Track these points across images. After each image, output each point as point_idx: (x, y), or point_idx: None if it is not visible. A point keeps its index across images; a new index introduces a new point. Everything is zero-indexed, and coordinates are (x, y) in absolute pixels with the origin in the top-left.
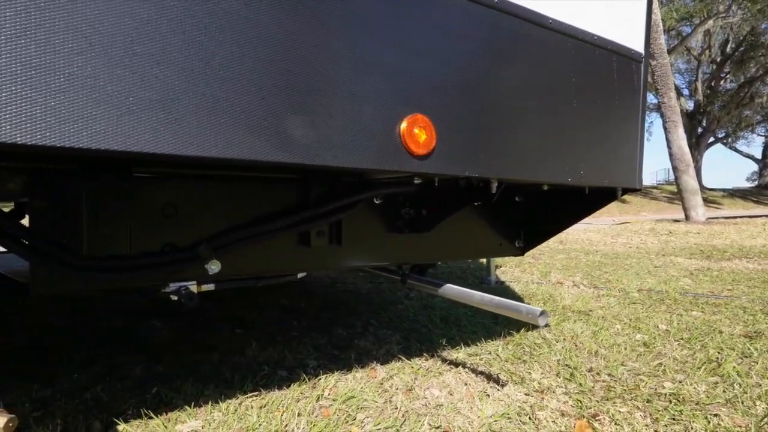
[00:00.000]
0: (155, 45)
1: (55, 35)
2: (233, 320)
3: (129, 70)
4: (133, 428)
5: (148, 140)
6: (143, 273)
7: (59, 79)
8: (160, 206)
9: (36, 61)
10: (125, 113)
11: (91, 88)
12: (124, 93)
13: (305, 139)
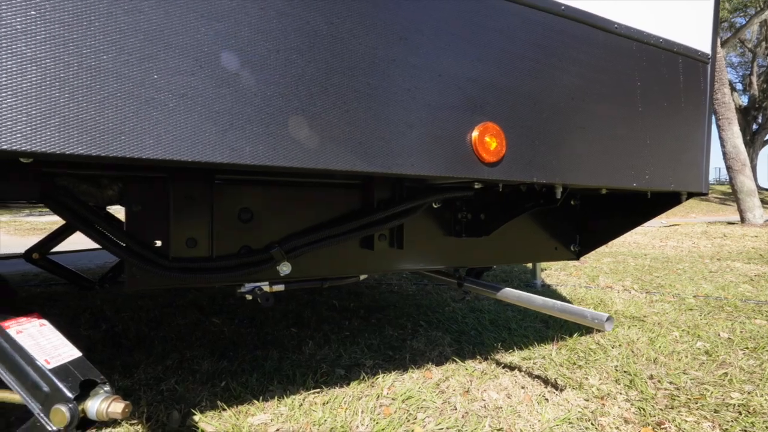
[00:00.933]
0: (255, 65)
1: (181, 62)
2: (287, 319)
3: (233, 88)
4: (207, 419)
5: (248, 153)
6: (223, 274)
7: (175, 99)
8: (237, 211)
9: (161, 83)
10: (229, 128)
11: (202, 106)
12: (229, 110)
13: (385, 149)
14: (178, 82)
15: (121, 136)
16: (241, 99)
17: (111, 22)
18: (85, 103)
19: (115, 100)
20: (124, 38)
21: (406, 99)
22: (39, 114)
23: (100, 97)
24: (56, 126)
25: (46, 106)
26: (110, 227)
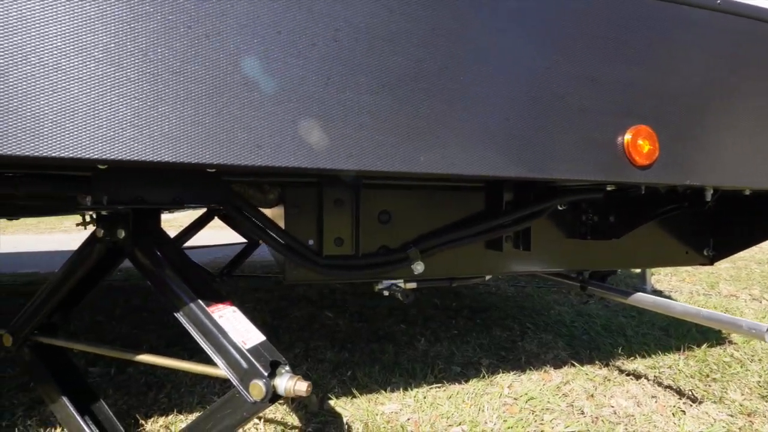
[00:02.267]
0: (419, 77)
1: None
2: (394, 316)
3: (402, 102)
4: (341, 404)
5: (423, 162)
6: (365, 271)
7: (364, 116)
8: (377, 213)
9: (353, 103)
10: (403, 140)
11: (386, 121)
12: (407, 123)
13: (540, 155)
14: (368, 101)
15: (325, 151)
16: (415, 113)
17: (314, 61)
18: (291, 120)
19: (324, 120)
20: (330, 65)
21: (560, 105)
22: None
23: (311, 116)
24: (244, 141)
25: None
26: (274, 227)
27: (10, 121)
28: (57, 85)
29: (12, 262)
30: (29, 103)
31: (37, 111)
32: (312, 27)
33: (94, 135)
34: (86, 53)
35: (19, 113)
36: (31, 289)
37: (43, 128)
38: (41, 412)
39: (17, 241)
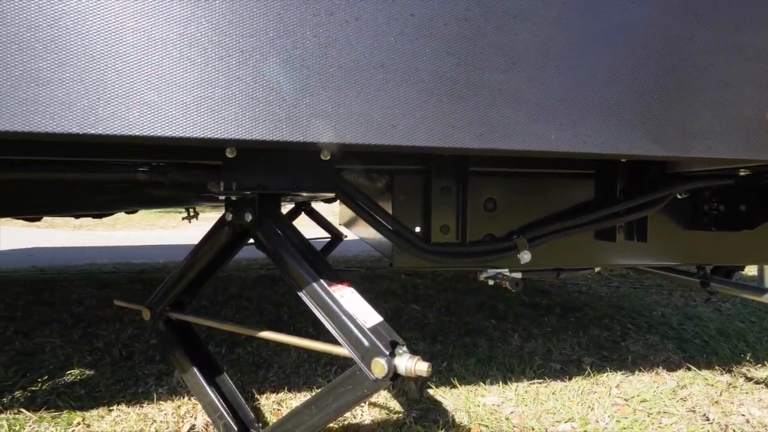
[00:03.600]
0: (549, 54)
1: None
2: (482, 311)
3: (532, 80)
4: (441, 393)
5: (554, 140)
6: (471, 258)
7: (471, 91)
8: (483, 201)
9: (463, 80)
10: (534, 119)
11: (515, 100)
12: (537, 101)
13: (680, 133)
14: (498, 79)
15: (456, 130)
16: (546, 91)
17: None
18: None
19: (456, 99)
20: (461, 45)
21: (700, 78)
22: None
23: (443, 96)
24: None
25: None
26: (384, 214)
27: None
28: (209, 76)
29: (124, 255)
30: (186, 93)
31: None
32: (444, 8)
33: (254, 117)
34: (238, 43)
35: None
36: (144, 276)
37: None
38: (168, 382)
39: (123, 236)
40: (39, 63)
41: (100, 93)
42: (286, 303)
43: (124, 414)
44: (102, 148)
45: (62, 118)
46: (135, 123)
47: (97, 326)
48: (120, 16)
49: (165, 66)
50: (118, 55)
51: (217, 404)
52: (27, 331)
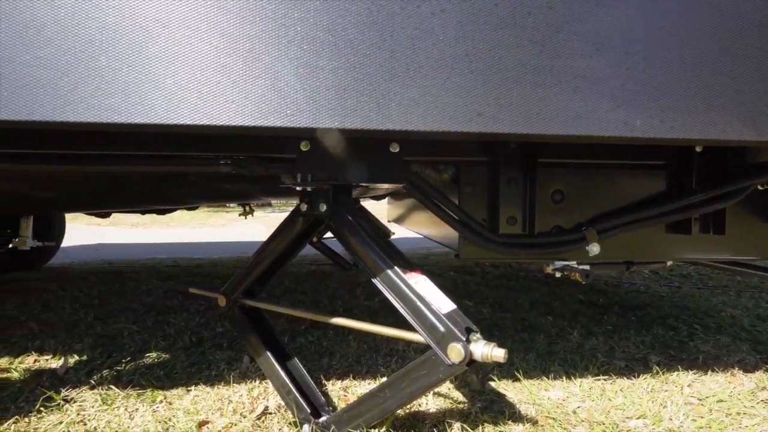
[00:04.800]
0: (633, 39)
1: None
2: (536, 308)
3: (616, 65)
4: (503, 386)
5: (639, 126)
6: (539, 250)
7: (555, 78)
8: (550, 192)
9: (547, 67)
10: (619, 104)
11: (601, 85)
12: (618, 87)
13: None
14: (582, 66)
15: (540, 117)
16: (631, 76)
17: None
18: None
19: (539, 87)
20: (545, 32)
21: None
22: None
23: (527, 83)
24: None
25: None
26: (452, 205)
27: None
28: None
29: (180, 250)
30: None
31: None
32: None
33: (347, 107)
34: (332, 38)
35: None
36: (202, 270)
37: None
38: (238, 367)
39: (177, 234)
40: (137, 59)
41: (218, 89)
42: (339, 297)
43: (204, 393)
44: (190, 141)
45: (172, 110)
46: (239, 114)
47: (166, 315)
48: (220, 14)
49: (266, 61)
50: (219, 53)
51: (291, 387)
52: (105, 317)
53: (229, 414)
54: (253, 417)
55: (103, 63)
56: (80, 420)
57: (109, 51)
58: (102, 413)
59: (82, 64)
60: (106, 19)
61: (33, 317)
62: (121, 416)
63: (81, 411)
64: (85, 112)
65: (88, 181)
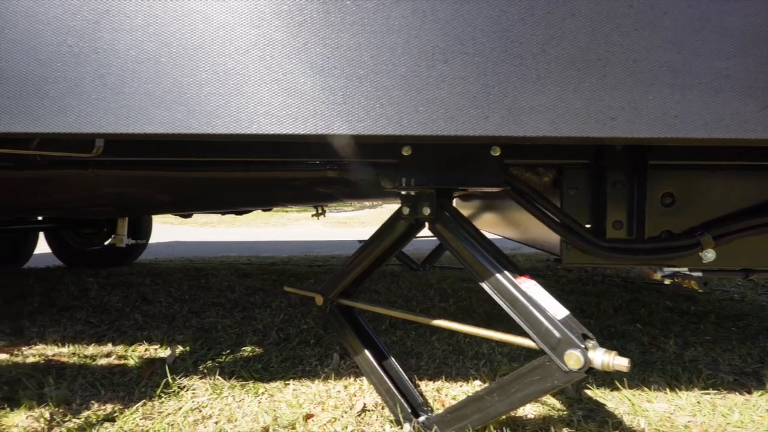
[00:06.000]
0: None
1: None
2: (620, 315)
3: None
4: (601, 393)
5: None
6: (647, 256)
7: (715, 81)
8: (659, 196)
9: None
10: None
11: (742, 84)
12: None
13: None
14: (721, 66)
15: (690, 120)
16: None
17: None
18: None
19: (682, 89)
20: (681, 33)
21: None
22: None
23: (663, 85)
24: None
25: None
26: (555, 209)
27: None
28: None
29: (249, 248)
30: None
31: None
32: None
33: (479, 114)
34: (462, 46)
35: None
36: (275, 268)
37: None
38: (329, 363)
39: (243, 232)
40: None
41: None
42: (413, 298)
43: (302, 387)
44: (299, 149)
45: (302, 121)
46: (351, 124)
47: (251, 311)
48: (333, 26)
49: (383, 68)
50: (335, 66)
51: (389, 385)
52: (198, 311)
53: (330, 409)
54: (354, 413)
55: (248, 83)
56: (196, 407)
57: (250, 72)
58: (213, 401)
59: (227, 84)
60: (235, 45)
61: (136, 309)
62: (231, 405)
63: (194, 398)
64: (232, 125)
65: (203, 185)
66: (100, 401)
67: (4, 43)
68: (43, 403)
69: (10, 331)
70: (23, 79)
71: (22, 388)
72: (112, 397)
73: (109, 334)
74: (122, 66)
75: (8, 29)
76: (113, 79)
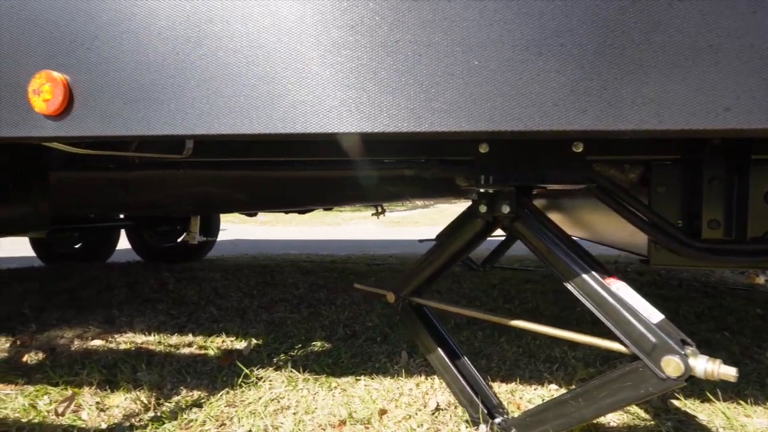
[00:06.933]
0: None
1: None
2: (704, 321)
3: None
4: (690, 404)
5: None
6: (750, 258)
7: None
8: (763, 193)
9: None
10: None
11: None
12: None
13: None
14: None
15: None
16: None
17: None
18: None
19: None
20: None
21: None
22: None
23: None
24: None
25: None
26: (644, 208)
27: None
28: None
29: (308, 246)
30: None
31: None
32: None
33: (579, 108)
34: (558, 39)
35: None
36: (336, 266)
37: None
38: (397, 361)
39: (300, 231)
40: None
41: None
42: (477, 298)
43: (374, 383)
44: (377, 147)
45: (395, 120)
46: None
47: (317, 307)
48: (425, 23)
49: (474, 64)
50: (426, 63)
51: (464, 384)
52: (266, 306)
53: (403, 406)
54: (428, 411)
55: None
56: (274, 397)
57: (342, 73)
58: (290, 393)
59: (319, 84)
60: (327, 47)
61: (210, 303)
62: (306, 397)
63: (272, 389)
64: (327, 125)
65: (279, 184)
66: (188, 387)
67: (121, 54)
68: (138, 387)
69: (103, 320)
70: (136, 86)
71: (120, 372)
72: (198, 384)
73: (189, 325)
74: (224, 70)
75: (126, 41)
76: (217, 83)
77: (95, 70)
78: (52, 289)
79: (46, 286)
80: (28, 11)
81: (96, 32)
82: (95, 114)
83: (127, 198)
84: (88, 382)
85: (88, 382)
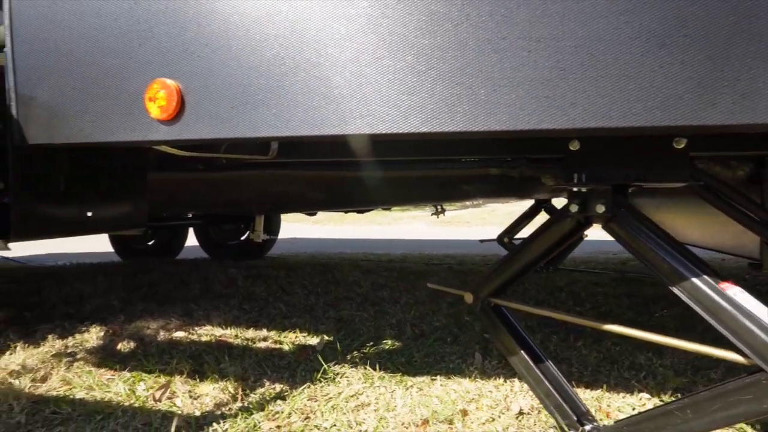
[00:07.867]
0: None
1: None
2: None
3: None
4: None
5: None
6: None
7: None
8: None
9: None
10: None
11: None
12: None
13: None
14: None
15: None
16: None
17: None
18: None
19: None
20: None
21: None
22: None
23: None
24: None
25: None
26: (754, 206)
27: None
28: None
29: (362, 245)
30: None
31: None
32: None
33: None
34: (645, 33)
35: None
36: (393, 265)
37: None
38: (471, 362)
39: (353, 230)
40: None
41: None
42: (544, 300)
43: (451, 384)
44: (460, 146)
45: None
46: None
47: (381, 305)
48: (534, 18)
49: (587, 58)
50: (536, 59)
51: (550, 389)
52: (332, 303)
53: (484, 408)
54: (512, 415)
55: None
56: (353, 394)
57: (441, 72)
58: (368, 389)
59: (414, 84)
60: (422, 47)
61: (278, 299)
62: (385, 395)
63: (350, 385)
64: (424, 124)
65: (356, 184)
66: (270, 380)
67: (229, 61)
68: (223, 377)
69: (182, 312)
70: (242, 90)
71: (206, 363)
72: (278, 377)
73: (261, 320)
74: (329, 73)
75: (233, 49)
76: (323, 86)
77: (205, 77)
78: (133, 282)
79: (128, 280)
80: (144, 24)
81: (205, 41)
82: (204, 118)
83: (214, 197)
84: (179, 371)
85: (178, 371)
